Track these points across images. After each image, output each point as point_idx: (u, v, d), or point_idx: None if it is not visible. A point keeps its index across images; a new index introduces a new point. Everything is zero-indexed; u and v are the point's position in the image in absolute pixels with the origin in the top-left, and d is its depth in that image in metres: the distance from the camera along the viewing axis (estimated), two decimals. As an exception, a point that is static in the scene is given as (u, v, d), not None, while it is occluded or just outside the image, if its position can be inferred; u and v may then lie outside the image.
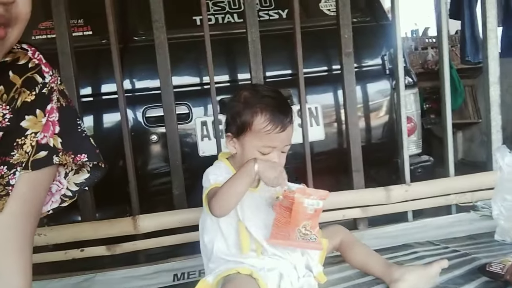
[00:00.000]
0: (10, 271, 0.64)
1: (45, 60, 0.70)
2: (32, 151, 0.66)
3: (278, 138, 1.06)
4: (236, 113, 1.07)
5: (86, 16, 1.91)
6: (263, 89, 1.12)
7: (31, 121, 0.66)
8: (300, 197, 0.98)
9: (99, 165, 0.77)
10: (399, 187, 1.69)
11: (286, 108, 1.09)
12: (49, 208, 0.77)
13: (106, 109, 1.82)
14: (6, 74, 0.65)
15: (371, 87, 1.99)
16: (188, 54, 1.92)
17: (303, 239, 1.02)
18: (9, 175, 0.64)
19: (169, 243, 1.56)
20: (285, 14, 2.03)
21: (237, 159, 1.11)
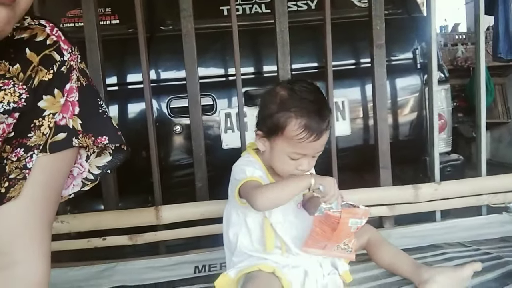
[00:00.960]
0: (28, 257, 0.62)
1: (64, 37, 0.66)
2: (50, 132, 0.63)
3: (310, 147, 0.99)
4: (268, 114, 1.01)
5: (114, 5, 1.91)
6: (302, 88, 1.02)
7: (48, 101, 0.63)
8: (346, 217, 0.95)
9: (122, 147, 0.73)
10: (428, 186, 1.63)
11: (324, 114, 1.01)
12: (70, 192, 0.74)
13: (131, 99, 1.82)
14: (22, 51, 0.62)
15: (401, 81, 1.93)
16: (214, 45, 1.90)
17: (343, 250, 1.01)
18: (26, 158, 0.62)
19: (191, 234, 1.55)
20: (314, 5, 1.98)
21: (266, 157, 1.06)
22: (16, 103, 0.58)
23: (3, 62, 0.60)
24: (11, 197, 0.61)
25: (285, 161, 1.02)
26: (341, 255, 1.05)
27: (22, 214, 0.62)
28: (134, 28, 1.65)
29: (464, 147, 4.27)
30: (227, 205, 1.13)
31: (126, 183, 1.66)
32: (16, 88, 0.59)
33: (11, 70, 0.60)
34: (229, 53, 1.76)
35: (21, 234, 0.62)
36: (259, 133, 1.05)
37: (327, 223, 0.98)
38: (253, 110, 1.81)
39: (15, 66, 0.61)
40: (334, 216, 0.96)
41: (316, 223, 1.00)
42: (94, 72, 1.50)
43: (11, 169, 0.61)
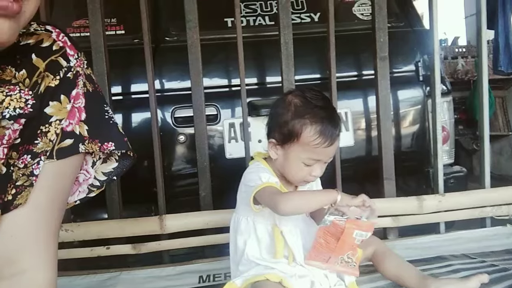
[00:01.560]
0: (34, 266, 0.61)
1: (70, 42, 0.66)
2: (56, 139, 0.63)
3: (324, 152, 1.02)
4: (283, 122, 1.03)
5: (120, 15, 1.93)
6: (313, 96, 1.05)
7: (55, 108, 0.63)
8: (350, 227, 0.95)
9: (128, 154, 0.73)
10: (433, 197, 1.63)
11: (336, 120, 1.04)
12: (76, 199, 0.73)
13: (135, 109, 1.83)
14: (29, 57, 0.62)
15: (403, 93, 1.94)
16: (218, 56, 1.91)
17: (343, 265, 1.01)
18: (32, 165, 0.61)
19: (195, 244, 1.54)
20: (317, 17, 2.00)
21: (278, 164, 1.07)
22: (22, 109, 0.58)
23: (9, 68, 0.60)
24: (18, 204, 0.60)
25: (299, 167, 1.03)
26: (345, 270, 1.04)
27: (29, 221, 0.61)
28: (139, 39, 1.67)
29: (465, 159, 4.27)
30: (235, 213, 1.13)
31: (130, 192, 1.66)
32: (22, 94, 0.59)
33: (17, 76, 0.60)
34: (233, 64, 1.78)
35: (28, 242, 0.61)
36: (272, 141, 1.06)
37: (331, 233, 0.98)
38: (257, 120, 1.82)
39: (21, 72, 0.61)
40: (339, 225, 0.96)
41: (320, 234, 0.99)
42: (100, 82, 1.51)
43: (18, 176, 0.61)
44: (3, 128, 0.59)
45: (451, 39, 5.15)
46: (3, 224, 0.60)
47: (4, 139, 0.60)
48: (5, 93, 0.58)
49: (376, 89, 1.64)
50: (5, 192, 0.60)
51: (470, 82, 4.11)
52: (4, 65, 0.60)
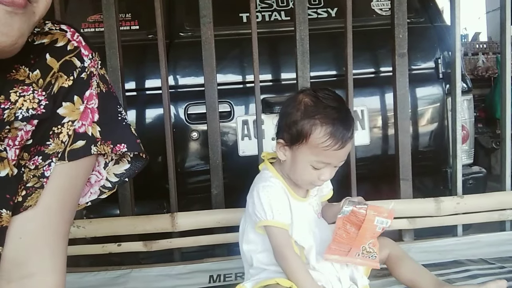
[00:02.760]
0: (43, 268, 0.60)
1: (85, 42, 0.64)
2: (68, 140, 0.62)
3: (335, 155, 0.97)
4: (292, 122, 0.98)
5: (134, 11, 1.92)
6: (325, 96, 0.99)
7: (68, 108, 0.62)
8: (371, 214, 0.93)
9: (140, 155, 0.71)
10: (450, 199, 1.58)
11: (348, 122, 0.99)
12: (87, 200, 0.72)
13: (148, 104, 1.82)
14: (43, 57, 0.60)
15: (422, 91, 1.89)
16: (232, 52, 1.89)
17: (364, 256, 0.98)
18: (44, 166, 0.60)
19: (206, 242, 1.53)
20: (334, 12, 1.96)
21: (286, 167, 1.03)
22: (35, 110, 0.57)
23: (23, 67, 0.59)
24: (28, 206, 0.59)
25: (307, 171, 0.99)
26: (365, 263, 1.01)
27: (38, 224, 0.60)
28: (153, 34, 1.65)
29: (484, 158, 4.17)
30: (244, 220, 1.10)
31: (142, 188, 1.65)
32: (36, 94, 0.58)
33: (30, 76, 0.59)
34: (247, 60, 1.75)
35: (37, 244, 0.60)
36: (280, 141, 1.02)
37: (352, 222, 0.96)
38: (271, 117, 1.79)
39: (35, 72, 0.59)
40: (360, 212, 0.94)
41: (340, 225, 0.97)
42: (114, 78, 1.51)
43: (28, 177, 0.60)
44: (15, 129, 0.58)
45: (471, 34, 5.02)
46: (13, 226, 0.59)
47: (16, 140, 0.59)
48: (18, 93, 0.57)
49: (394, 87, 1.60)
50: (15, 193, 0.59)
51: (491, 79, 4.01)
52: (18, 65, 0.58)
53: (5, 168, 0.58)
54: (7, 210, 0.58)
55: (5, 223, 0.58)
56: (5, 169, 0.58)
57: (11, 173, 0.58)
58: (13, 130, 0.58)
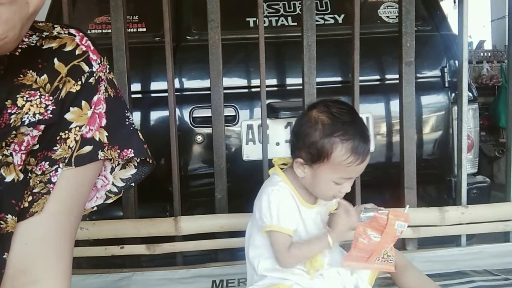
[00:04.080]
0: (48, 275, 0.59)
1: (93, 47, 0.64)
2: (76, 146, 0.61)
3: (356, 170, 0.98)
4: (312, 142, 0.97)
5: (142, 13, 1.92)
6: (339, 111, 0.99)
7: (75, 114, 0.61)
8: (393, 219, 0.95)
9: (147, 160, 0.70)
10: (455, 209, 1.58)
11: (366, 134, 0.99)
12: (93, 205, 0.71)
13: (154, 107, 1.82)
14: (51, 61, 0.59)
15: (427, 99, 1.89)
16: (238, 56, 1.89)
17: (383, 260, 1.00)
18: (50, 172, 0.60)
19: (209, 247, 1.53)
20: (341, 19, 1.96)
21: (304, 182, 1.02)
22: (42, 114, 0.57)
23: (30, 72, 0.58)
24: (34, 212, 0.59)
25: (328, 187, 0.99)
26: (382, 267, 1.03)
27: (44, 230, 0.59)
28: (160, 37, 1.65)
29: (486, 166, 4.17)
30: (251, 224, 1.09)
31: (145, 191, 1.65)
32: (43, 99, 0.57)
33: (38, 80, 0.58)
34: (253, 65, 1.75)
35: (42, 251, 0.59)
36: (299, 160, 1.00)
37: (373, 227, 0.97)
38: (276, 122, 1.79)
39: (42, 76, 0.59)
40: (382, 218, 0.96)
41: (360, 231, 0.98)
42: (120, 80, 1.51)
43: (35, 182, 0.59)
44: (22, 134, 0.58)
45: (476, 42, 5.02)
46: (18, 232, 0.58)
47: (22, 146, 0.58)
48: (25, 98, 0.56)
49: (400, 95, 1.59)
50: (21, 199, 0.58)
51: (495, 87, 4.00)
52: (26, 70, 0.58)
53: (11, 173, 0.57)
54: (13, 216, 0.57)
55: (11, 228, 0.57)
56: (11, 174, 0.57)
57: (17, 178, 0.58)
58: (19, 135, 0.58)
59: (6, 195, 0.57)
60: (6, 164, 0.57)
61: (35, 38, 0.61)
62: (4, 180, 0.57)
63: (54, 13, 1.81)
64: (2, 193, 0.57)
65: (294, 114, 1.78)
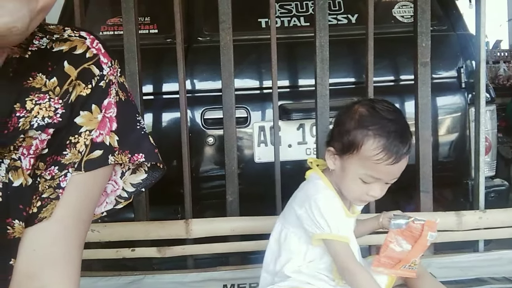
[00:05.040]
0: (56, 281, 0.58)
1: (104, 50, 0.63)
2: (85, 150, 0.60)
3: (386, 171, 0.92)
4: (345, 131, 0.95)
5: (154, 14, 1.92)
6: (383, 107, 0.96)
7: (85, 118, 0.60)
8: (426, 229, 0.95)
9: (158, 165, 0.69)
10: (472, 213, 1.54)
11: (405, 136, 0.94)
12: (103, 210, 0.70)
13: (165, 108, 1.81)
14: (61, 64, 0.58)
15: (443, 100, 1.85)
16: (250, 57, 1.87)
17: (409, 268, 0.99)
18: (60, 177, 0.59)
19: (220, 250, 1.51)
20: (354, 19, 1.93)
21: (334, 177, 0.99)
22: (51, 118, 0.56)
23: (40, 75, 0.57)
24: (43, 217, 0.58)
25: (356, 184, 0.94)
26: (406, 273, 1.02)
27: (52, 236, 0.58)
28: (172, 38, 1.64)
29: (503, 169, 4.08)
30: (283, 227, 1.05)
31: (157, 193, 1.64)
32: (52, 102, 0.56)
33: (47, 83, 0.57)
34: (265, 66, 1.73)
35: (51, 256, 0.58)
36: (331, 149, 0.98)
37: (405, 235, 0.96)
38: (288, 124, 1.77)
39: (52, 79, 0.58)
40: (416, 227, 0.95)
41: (391, 238, 0.97)
42: (132, 81, 1.50)
43: (44, 187, 0.58)
44: (30, 138, 0.57)
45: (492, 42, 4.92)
46: (26, 237, 0.57)
47: (31, 149, 0.57)
48: (34, 101, 0.55)
49: (416, 96, 1.56)
50: (29, 204, 0.57)
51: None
52: (35, 72, 0.57)
53: (19, 177, 0.56)
54: (20, 221, 0.56)
55: (18, 234, 0.56)
56: (19, 178, 0.56)
57: (25, 183, 0.57)
58: (27, 139, 0.57)
59: (14, 200, 0.56)
60: (14, 168, 0.56)
61: (46, 41, 0.60)
62: (12, 184, 0.56)
63: (66, 16, 1.81)
64: (10, 198, 0.56)
65: (306, 116, 1.76)
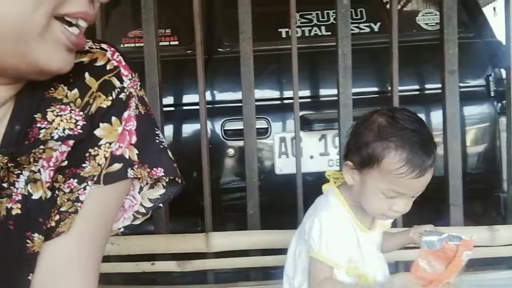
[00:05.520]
0: None
1: (125, 62, 0.62)
2: (105, 163, 0.59)
3: (410, 185, 0.86)
4: (363, 143, 0.89)
5: (174, 26, 1.93)
6: (403, 117, 0.89)
7: (105, 130, 0.59)
8: (461, 250, 0.89)
9: (176, 180, 0.67)
10: (506, 228, 1.46)
11: (429, 147, 0.88)
12: (120, 226, 0.68)
13: (185, 120, 1.81)
14: (82, 76, 0.58)
15: (471, 109, 1.79)
16: (270, 67, 1.86)
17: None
18: (79, 190, 0.57)
19: (241, 265, 1.48)
20: (377, 27, 1.89)
21: (354, 193, 0.94)
22: (72, 130, 0.55)
23: (61, 86, 0.57)
24: (61, 232, 0.56)
25: (378, 199, 0.88)
26: None
27: (70, 251, 0.57)
28: (192, 49, 1.64)
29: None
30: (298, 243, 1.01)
31: (177, 205, 1.62)
32: (73, 114, 0.55)
33: (68, 95, 0.57)
34: (285, 76, 1.71)
35: (68, 272, 0.57)
36: (348, 163, 0.92)
37: (438, 255, 0.89)
38: (309, 135, 1.74)
39: (73, 91, 0.57)
40: (450, 248, 0.88)
41: (423, 257, 0.90)
42: (152, 93, 1.49)
43: (62, 201, 0.57)
44: (50, 149, 0.56)
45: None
46: (44, 252, 0.56)
47: (51, 162, 0.56)
48: (56, 113, 0.55)
49: (444, 106, 1.50)
50: (49, 217, 0.56)
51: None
52: (57, 83, 0.56)
53: (39, 190, 0.55)
54: (40, 235, 0.55)
55: (37, 248, 0.55)
56: (39, 191, 0.55)
57: (45, 196, 0.56)
58: (47, 150, 0.56)
59: (34, 213, 0.55)
60: (34, 180, 0.55)
61: None
62: (31, 197, 0.55)
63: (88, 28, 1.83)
64: (29, 211, 0.55)
65: (328, 126, 1.73)
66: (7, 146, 0.51)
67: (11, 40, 0.45)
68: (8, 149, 0.51)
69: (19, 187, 0.54)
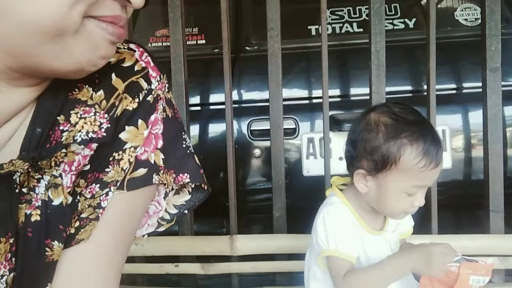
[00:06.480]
0: None
1: (153, 63, 0.59)
2: (129, 168, 0.56)
3: (430, 175, 0.85)
4: (374, 147, 0.86)
5: (201, 25, 1.91)
6: (402, 111, 0.89)
7: (131, 133, 0.56)
8: (465, 274, 0.81)
9: (202, 186, 0.64)
10: (554, 237, 1.35)
11: (437, 136, 0.88)
12: (144, 232, 0.66)
13: (212, 119, 1.78)
14: (108, 77, 0.55)
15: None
16: (299, 65, 1.81)
17: None
18: (101, 196, 0.54)
19: (266, 269, 1.44)
20: (412, 23, 1.81)
21: (368, 199, 0.91)
22: (95, 133, 0.52)
23: (86, 87, 0.54)
24: (81, 239, 0.53)
25: (400, 199, 0.87)
26: None
27: (90, 260, 0.54)
28: (219, 48, 1.61)
29: None
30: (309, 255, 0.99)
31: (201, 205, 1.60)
32: (97, 116, 0.52)
33: (93, 96, 0.54)
34: (314, 75, 1.67)
35: (87, 281, 0.54)
36: (361, 171, 0.89)
37: (441, 281, 0.83)
38: (339, 135, 1.69)
39: (99, 92, 0.54)
40: (451, 271, 0.81)
41: (426, 283, 0.85)
42: (178, 93, 1.47)
43: (83, 207, 0.54)
44: (72, 153, 0.53)
45: None
46: (62, 261, 0.53)
47: (73, 166, 0.53)
48: (79, 115, 0.52)
49: (484, 105, 1.41)
50: (69, 224, 0.53)
51: None
52: (82, 84, 0.53)
53: (60, 196, 0.52)
54: (59, 243, 0.52)
55: (56, 257, 0.52)
56: (59, 197, 0.52)
57: (66, 202, 0.53)
58: (69, 154, 0.53)
59: (54, 220, 0.52)
60: (54, 186, 0.52)
61: None
62: (52, 203, 0.52)
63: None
64: (49, 217, 0.52)
65: (359, 127, 1.67)
66: (27, 149, 0.49)
67: (48, 39, 0.42)
68: (28, 153, 0.48)
69: (39, 192, 0.52)
